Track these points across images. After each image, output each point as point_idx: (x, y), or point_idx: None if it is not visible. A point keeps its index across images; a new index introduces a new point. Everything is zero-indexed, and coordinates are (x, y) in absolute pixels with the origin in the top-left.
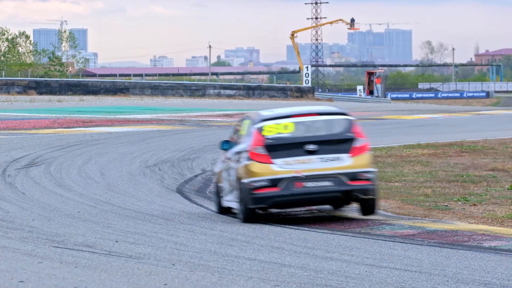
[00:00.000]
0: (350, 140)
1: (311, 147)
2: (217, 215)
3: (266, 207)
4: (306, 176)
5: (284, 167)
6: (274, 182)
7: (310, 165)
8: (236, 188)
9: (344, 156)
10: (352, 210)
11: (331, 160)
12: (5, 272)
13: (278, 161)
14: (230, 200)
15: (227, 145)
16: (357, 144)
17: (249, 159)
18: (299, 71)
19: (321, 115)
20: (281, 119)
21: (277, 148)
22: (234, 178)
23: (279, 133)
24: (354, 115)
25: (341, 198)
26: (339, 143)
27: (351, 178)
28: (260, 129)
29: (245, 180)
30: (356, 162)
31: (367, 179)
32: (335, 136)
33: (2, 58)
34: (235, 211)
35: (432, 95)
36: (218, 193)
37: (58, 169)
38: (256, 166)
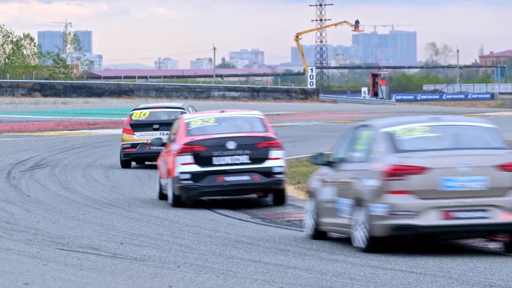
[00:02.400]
0: None
1: (156, 126)
2: (222, 217)
3: (129, 160)
4: (150, 142)
5: (139, 137)
6: (133, 145)
7: (153, 137)
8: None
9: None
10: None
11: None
12: (10, 274)
13: (137, 133)
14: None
15: None
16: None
17: (123, 132)
18: (303, 73)
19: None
20: (143, 110)
21: (137, 126)
22: None
23: (139, 117)
24: (357, 117)
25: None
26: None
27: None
28: (131, 115)
29: (121, 143)
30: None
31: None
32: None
33: (7, 61)
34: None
35: (437, 96)
36: None
37: (63, 171)
38: (125, 136)
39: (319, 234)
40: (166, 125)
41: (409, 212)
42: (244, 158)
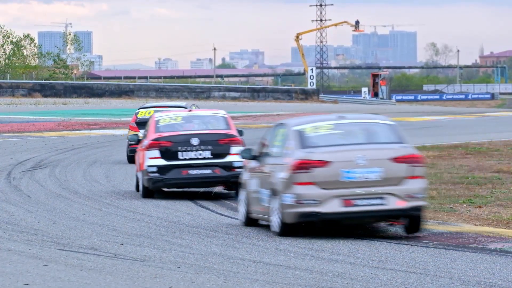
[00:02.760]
0: None
1: None
2: (222, 217)
3: (135, 155)
4: (127, 138)
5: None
6: (138, 142)
7: None
8: None
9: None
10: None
11: None
12: (10, 275)
13: (142, 131)
14: None
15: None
16: None
17: (129, 129)
18: (304, 73)
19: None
20: (148, 108)
21: (142, 124)
22: None
23: (144, 116)
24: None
25: None
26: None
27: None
28: (136, 113)
29: (127, 140)
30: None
31: None
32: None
33: (7, 61)
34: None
35: (437, 97)
36: None
37: (63, 171)
38: (131, 133)
39: (250, 221)
40: None
41: (314, 201)
42: (207, 153)
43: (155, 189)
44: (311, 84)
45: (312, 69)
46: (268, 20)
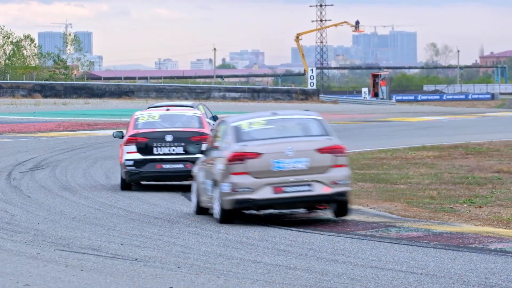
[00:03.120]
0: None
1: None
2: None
3: None
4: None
5: None
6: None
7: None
8: None
9: None
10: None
11: None
12: (10, 275)
13: None
14: None
15: None
16: None
17: None
18: (304, 74)
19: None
20: (157, 107)
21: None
22: None
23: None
24: (358, 117)
25: None
26: None
27: None
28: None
29: None
30: None
31: None
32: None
33: (7, 61)
34: None
35: (437, 97)
36: None
37: (63, 172)
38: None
39: (201, 210)
40: None
41: (248, 189)
42: (179, 149)
43: (131, 181)
44: (311, 84)
45: (312, 70)
46: (268, 21)
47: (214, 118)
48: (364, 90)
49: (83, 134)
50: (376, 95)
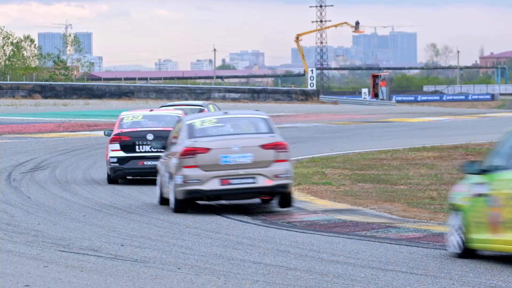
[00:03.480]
0: None
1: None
2: (222, 218)
3: None
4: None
5: None
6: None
7: None
8: None
9: None
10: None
11: None
12: (10, 276)
13: None
14: None
15: None
16: None
17: None
18: (304, 74)
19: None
20: (169, 106)
21: None
22: None
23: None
24: (358, 118)
25: None
26: None
27: None
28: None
29: None
30: None
31: None
32: None
33: (7, 62)
34: None
35: (437, 97)
36: None
37: (63, 173)
38: None
39: (163, 201)
40: None
41: (197, 180)
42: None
43: (116, 177)
44: (311, 85)
45: (312, 70)
46: (268, 21)
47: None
48: (364, 90)
49: (83, 135)
50: (376, 95)
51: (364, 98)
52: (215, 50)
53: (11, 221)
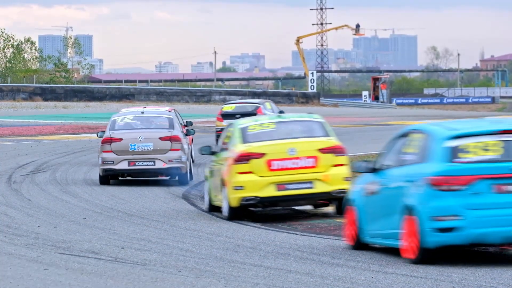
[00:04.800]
0: None
1: (238, 116)
2: (223, 221)
3: None
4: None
5: (226, 123)
6: (222, 129)
7: None
8: None
9: None
10: None
11: None
12: (11, 278)
13: (225, 121)
14: None
15: None
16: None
17: (216, 120)
18: (304, 77)
19: None
20: (231, 104)
21: (226, 116)
22: None
23: (228, 110)
24: (359, 121)
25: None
26: None
27: None
28: (221, 108)
29: (215, 128)
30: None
31: None
32: None
33: (7, 65)
34: None
35: (438, 100)
36: None
37: (64, 175)
38: (217, 123)
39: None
40: (245, 115)
41: (111, 162)
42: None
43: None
44: (312, 87)
45: (312, 73)
46: (268, 24)
47: (281, 113)
48: (365, 93)
49: (84, 138)
50: (376, 98)
51: (364, 101)
52: (215, 52)
53: (11, 223)
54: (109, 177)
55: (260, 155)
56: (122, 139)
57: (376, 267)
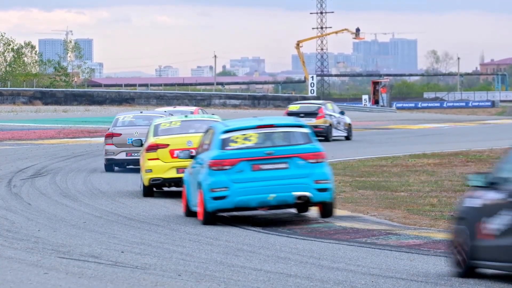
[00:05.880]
0: None
1: (302, 115)
2: (223, 225)
3: None
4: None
5: None
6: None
7: None
8: None
9: None
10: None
11: None
12: (11, 283)
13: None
14: None
15: None
16: None
17: None
18: (304, 81)
19: None
20: (296, 104)
21: (291, 115)
22: None
23: (293, 109)
24: (359, 125)
25: None
26: None
27: None
28: (288, 107)
29: None
30: None
31: None
32: None
33: (7, 69)
34: None
35: (438, 104)
36: None
37: (64, 179)
38: None
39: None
40: (308, 114)
41: (112, 153)
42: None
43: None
44: (312, 91)
45: (312, 77)
46: (268, 28)
47: (342, 113)
48: (365, 97)
49: (84, 141)
50: (376, 102)
51: (364, 104)
52: (215, 56)
53: (11, 227)
54: (113, 166)
55: (165, 145)
56: (121, 133)
57: (376, 271)
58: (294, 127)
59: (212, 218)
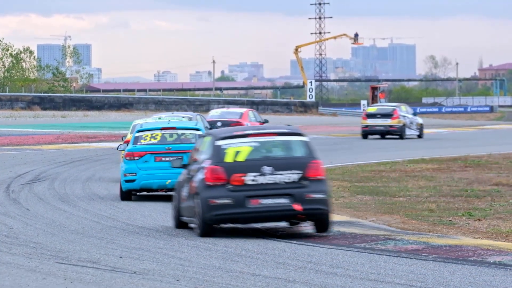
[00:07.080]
0: None
1: (378, 116)
2: (221, 230)
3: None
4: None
5: (369, 121)
6: (366, 126)
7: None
8: None
9: None
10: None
11: None
12: None
13: (368, 120)
14: None
15: None
16: None
17: (362, 119)
18: (303, 86)
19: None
20: (373, 107)
21: (368, 116)
22: None
23: (370, 111)
24: (357, 130)
25: None
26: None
27: None
28: (365, 109)
29: (360, 125)
30: None
31: None
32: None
33: (6, 74)
34: None
35: (436, 109)
36: None
37: (62, 184)
38: (362, 121)
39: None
40: (384, 115)
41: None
42: None
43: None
44: (310, 97)
45: (311, 82)
46: (267, 33)
47: (414, 114)
48: (363, 102)
49: (82, 147)
50: None
51: (363, 110)
52: (214, 61)
53: (9, 233)
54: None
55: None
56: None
57: (375, 276)
58: (190, 130)
59: (127, 196)
